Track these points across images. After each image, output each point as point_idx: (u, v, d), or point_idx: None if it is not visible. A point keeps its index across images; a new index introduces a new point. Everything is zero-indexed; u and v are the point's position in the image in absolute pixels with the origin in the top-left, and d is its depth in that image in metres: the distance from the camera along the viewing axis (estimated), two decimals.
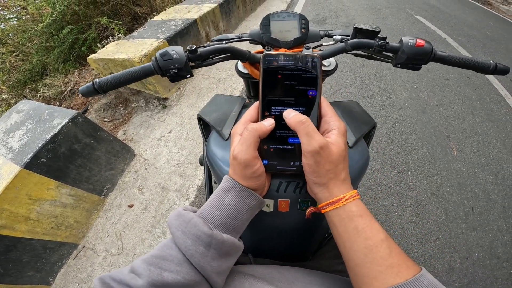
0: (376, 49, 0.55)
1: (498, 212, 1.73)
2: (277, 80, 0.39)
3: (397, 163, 2.02)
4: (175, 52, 0.49)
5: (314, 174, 0.35)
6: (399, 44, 0.54)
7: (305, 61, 0.38)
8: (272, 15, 0.64)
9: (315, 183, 0.36)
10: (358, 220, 0.33)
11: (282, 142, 0.39)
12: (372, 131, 0.63)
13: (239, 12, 4.06)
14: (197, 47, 0.52)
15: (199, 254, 0.30)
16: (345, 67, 3.16)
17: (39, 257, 1.37)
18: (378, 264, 0.31)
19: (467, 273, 1.44)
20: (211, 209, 0.34)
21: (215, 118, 0.62)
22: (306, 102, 0.39)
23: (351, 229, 0.33)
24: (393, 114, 2.50)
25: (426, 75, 3.12)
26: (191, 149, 2.05)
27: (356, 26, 0.58)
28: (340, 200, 0.34)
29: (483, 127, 2.41)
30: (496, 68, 0.54)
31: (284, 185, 0.44)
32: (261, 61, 0.38)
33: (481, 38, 4.40)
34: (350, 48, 0.56)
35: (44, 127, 1.41)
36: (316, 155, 0.34)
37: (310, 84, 0.39)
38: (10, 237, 1.23)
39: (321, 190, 0.36)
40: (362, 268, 0.32)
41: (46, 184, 1.35)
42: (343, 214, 0.34)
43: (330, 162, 0.35)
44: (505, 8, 6.56)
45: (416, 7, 5.75)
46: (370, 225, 0.33)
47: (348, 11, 5.14)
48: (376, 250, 0.31)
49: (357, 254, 0.32)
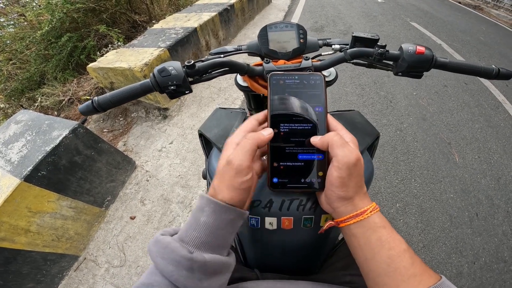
0: (376, 57, 0.54)
1: (502, 217, 1.74)
2: (284, 98, 0.40)
3: (401, 171, 2.02)
4: (173, 68, 0.48)
5: (343, 188, 0.34)
6: (399, 52, 0.54)
7: (310, 80, 0.40)
8: (270, 26, 0.64)
9: (340, 197, 0.35)
10: (382, 231, 0.34)
11: (292, 159, 0.39)
12: (375, 142, 0.62)
13: (238, 21, 4.10)
14: (195, 62, 0.50)
15: (184, 277, 0.30)
16: (345, 75, 3.19)
17: (39, 269, 1.34)
18: (401, 274, 0.31)
19: (475, 278, 1.44)
20: (188, 230, 0.33)
21: (216, 134, 0.61)
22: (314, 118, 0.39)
23: (374, 240, 0.33)
24: (394, 122, 2.52)
25: (425, 82, 3.16)
26: (193, 160, 2.02)
27: (354, 34, 0.57)
28: (365, 212, 0.34)
29: (482, 133, 2.43)
30: (499, 73, 0.54)
31: (287, 203, 0.44)
32: (268, 80, 0.40)
33: (475, 44, 4.50)
34: (349, 57, 0.56)
35: (44, 138, 1.38)
36: (352, 167, 0.33)
37: (316, 101, 0.39)
38: (10, 250, 1.20)
39: (344, 204, 0.35)
40: (384, 278, 0.32)
41: (47, 197, 1.32)
42: (367, 225, 0.34)
43: (359, 174, 0.35)
44: (496, 12, 6.75)
45: (410, 14, 5.87)
46: (392, 236, 0.33)
47: (345, 19, 5.22)
48: (399, 260, 0.32)
49: (380, 264, 0.32)
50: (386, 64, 0.57)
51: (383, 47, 0.54)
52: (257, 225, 0.46)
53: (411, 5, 6.67)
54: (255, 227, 0.47)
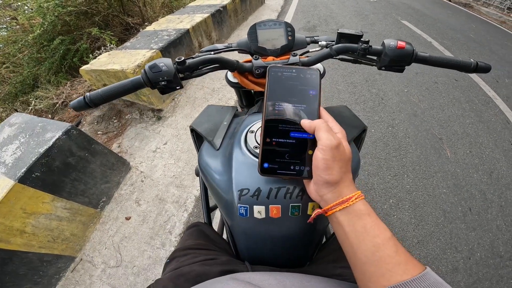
0: (360, 52, 0.56)
1: (496, 211, 1.76)
2: (281, 90, 0.42)
3: (393, 167, 2.04)
4: (163, 64, 0.49)
5: (327, 171, 0.36)
6: (382, 47, 0.56)
7: (306, 74, 0.43)
8: (259, 24, 0.66)
9: (326, 182, 0.36)
10: (367, 218, 0.34)
11: (284, 137, 0.40)
12: (362, 134, 0.64)
13: (231, 22, 4.11)
14: (185, 58, 0.52)
15: None
16: (337, 73, 3.22)
17: (36, 270, 1.34)
18: (386, 262, 0.31)
19: (471, 273, 1.45)
20: None
21: (207, 129, 0.62)
22: (306, 109, 0.41)
23: (359, 228, 0.34)
24: (386, 118, 2.54)
25: (416, 78, 3.20)
26: (188, 160, 2.03)
27: (339, 31, 0.60)
28: (350, 199, 0.35)
29: (474, 128, 2.47)
30: (478, 66, 0.57)
31: (275, 191, 0.46)
32: (267, 72, 0.42)
33: (465, 41, 4.56)
34: (335, 53, 0.58)
35: (37, 140, 1.38)
36: (335, 150, 0.36)
37: (311, 87, 0.42)
38: (6, 250, 1.21)
39: (331, 190, 0.37)
40: (370, 266, 0.32)
41: (41, 198, 1.32)
42: (352, 213, 0.35)
43: (343, 159, 0.37)
44: (486, 10, 6.84)
45: (401, 12, 5.94)
46: (377, 224, 0.34)
47: (337, 18, 5.26)
48: (384, 248, 0.32)
49: (365, 252, 0.33)
50: (370, 59, 0.59)
51: (366, 42, 0.56)
52: (246, 214, 0.48)
53: (402, 4, 6.74)
54: (244, 216, 0.48)
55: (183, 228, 1.59)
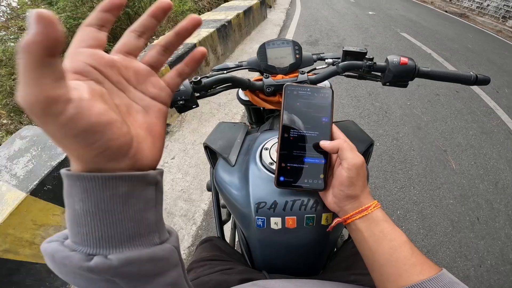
0: (365, 69, 0.59)
1: (504, 220, 1.77)
2: (296, 107, 0.44)
3: (399, 179, 2.05)
4: None
5: (351, 187, 0.39)
6: (385, 63, 0.58)
7: (320, 93, 0.45)
8: (268, 43, 0.68)
9: (348, 196, 0.39)
10: (384, 224, 0.37)
11: (298, 161, 0.43)
12: (369, 149, 0.67)
13: (235, 36, 4.21)
14: (201, 78, 0.54)
15: None
16: (341, 87, 3.27)
17: (42, 281, 1.34)
18: (403, 263, 0.34)
19: (483, 280, 1.45)
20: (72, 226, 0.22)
21: (221, 146, 0.65)
22: (319, 127, 0.44)
23: (377, 232, 0.37)
24: (390, 132, 2.57)
25: (417, 91, 3.25)
26: (195, 174, 2.04)
27: (345, 49, 0.62)
28: (368, 208, 0.38)
29: (477, 139, 2.49)
30: (477, 79, 0.59)
31: (290, 203, 0.48)
32: (283, 91, 0.45)
33: (464, 52, 4.64)
34: (341, 70, 0.61)
35: (49, 154, 1.40)
36: (360, 169, 0.38)
37: (324, 113, 0.45)
38: (13, 261, 1.21)
39: (351, 202, 0.39)
40: (388, 267, 0.35)
41: (52, 210, 1.33)
42: (370, 219, 0.38)
43: (364, 175, 0.40)
44: (481, 19, 6.98)
45: (400, 24, 6.08)
46: (393, 229, 0.37)
47: (339, 32, 5.38)
48: (400, 250, 0.35)
49: (383, 255, 0.35)
50: (374, 75, 0.62)
51: (371, 59, 0.59)
52: (263, 225, 0.50)
53: (400, 16, 6.92)
54: (261, 227, 0.50)
55: (191, 241, 1.59)
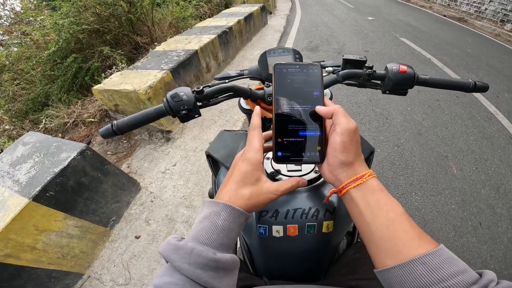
0: (365, 78, 0.59)
1: (506, 224, 1.77)
2: (287, 84, 0.44)
3: (401, 185, 2.06)
4: (184, 93, 0.52)
5: (344, 153, 0.38)
6: (385, 72, 0.59)
7: (309, 69, 0.45)
8: (269, 51, 0.69)
9: (342, 162, 0.38)
10: (380, 194, 0.36)
11: (293, 135, 0.43)
12: (370, 156, 0.67)
13: (236, 43, 4.24)
14: (203, 87, 0.55)
15: (211, 277, 0.32)
16: (341, 94, 3.29)
17: (43, 286, 1.34)
18: (401, 237, 0.32)
19: None
20: (207, 233, 0.35)
21: (223, 155, 0.66)
22: (312, 100, 0.44)
23: (373, 202, 0.36)
24: (391, 138, 2.58)
25: (418, 97, 3.27)
26: (197, 181, 2.05)
27: (345, 57, 0.63)
28: (363, 176, 0.37)
29: (478, 144, 2.50)
30: (476, 86, 0.59)
31: (292, 212, 0.49)
32: (273, 70, 0.44)
33: (463, 56, 4.66)
34: (341, 79, 0.61)
35: (52, 160, 1.41)
36: (352, 134, 0.38)
37: (314, 86, 0.44)
38: (15, 266, 1.21)
39: (346, 169, 0.39)
40: (386, 241, 0.33)
41: (54, 216, 1.34)
42: (365, 188, 0.37)
43: (357, 142, 0.39)
44: (479, 23, 7.01)
45: (399, 30, 6.12)
46: (390, 199, 0.36)
47: (339, 37, 5.43)
48: (398, 222, 0.33)
49: (379, 227, 0.34)
50: (374, 84, 0.63)
51: (370, 67, 0.59)
52: (265, 233, 0.51)
53: (399, 21, 6.97)
54: (263, 235, 0.51)
55: None
